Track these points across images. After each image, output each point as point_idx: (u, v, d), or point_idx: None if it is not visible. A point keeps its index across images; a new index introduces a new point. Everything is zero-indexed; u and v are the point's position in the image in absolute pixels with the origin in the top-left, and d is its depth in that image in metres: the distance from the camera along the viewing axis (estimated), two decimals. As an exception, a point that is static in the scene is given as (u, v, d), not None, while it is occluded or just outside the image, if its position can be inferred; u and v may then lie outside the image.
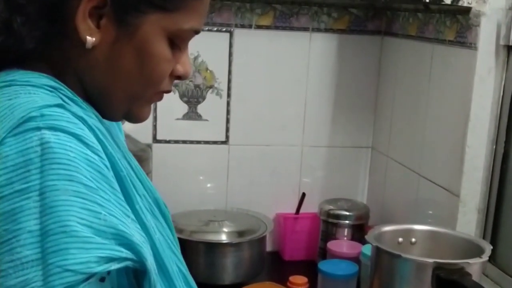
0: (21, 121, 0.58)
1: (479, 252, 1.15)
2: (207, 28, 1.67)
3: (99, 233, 0.56)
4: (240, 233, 1.59)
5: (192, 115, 1.72)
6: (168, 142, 1.72)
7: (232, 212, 1.72)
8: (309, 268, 1.59)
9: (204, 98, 1.72)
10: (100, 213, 0.57)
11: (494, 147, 1.36)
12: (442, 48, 1.44)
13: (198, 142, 1.74)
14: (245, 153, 1.77)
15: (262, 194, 1.79)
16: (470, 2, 1.30)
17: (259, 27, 1.70)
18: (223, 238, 1.57)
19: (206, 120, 1.73)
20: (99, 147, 0.61)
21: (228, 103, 1.73)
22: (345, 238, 1.66)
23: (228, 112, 1.74)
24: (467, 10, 1.32)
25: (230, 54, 1.70)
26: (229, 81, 1.72)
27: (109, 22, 0.66)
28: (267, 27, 1.70)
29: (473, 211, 1.37)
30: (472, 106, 1.32)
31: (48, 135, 0.57)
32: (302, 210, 1.77)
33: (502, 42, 1.29)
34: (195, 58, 1.69)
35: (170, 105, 1.69)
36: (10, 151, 0.56)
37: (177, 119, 1.71)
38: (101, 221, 0.57)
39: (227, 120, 1.74)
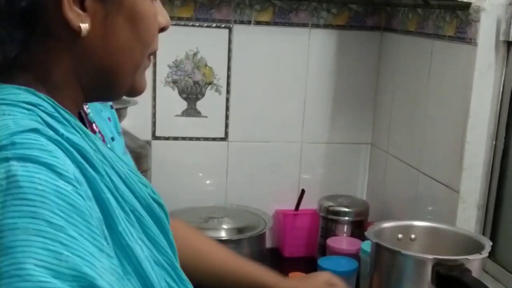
0: None
1: (479, 248, 1.15)
2: (206, 25, 1.67)
3: (58, 275, 0.52)
4: (240, 230, 1.59)
5: (191, 111, 1.72)
6: (167, 139, 1.72)
7: (232, 209, 1.71)
8: (309, 265, 1.59)
9: (203, 95, 1.71)
10: (62, 253, 0.52)
11: (494, 143, 1.35)
12: (442, 44, 1.44)
13: (197, 138, 1.73)
14: (244, 149, 1.76)
15: (261, 190, 1.78)
16: (470, -2, 1.30)
17: (258, 23, 1.69)
18: (223, 234, 1.56)
19: (205, 116, 1.73)
20: (74, 175, 0.57)
21: (227, 100, 1.73)
22: (345, 235, 1.66)
23: (227, 108, 1.73)
24: (467, 5, 1.31)
25: (229, 51, 1.70)
26: (228, 77, 1.72)
27: (94, 1, 0.64)
28: (267, 23, 1.70)
29: (472, 207, 1.37)
30: (471, 102, 1.32)
31: (16, 166, 0.54)
32: (301, 207, 1.77)
33: (502, 38, 1.29)
34: (194, 54, 1.68)
35: (169, 101, 1.69)
36: None
37: (176, 115, 1.71)
38: (62, 262, 0.52)
39: (226, 117, 1.74)
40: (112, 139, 0.87)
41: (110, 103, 0.91)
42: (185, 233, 1.14)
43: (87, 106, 0.81)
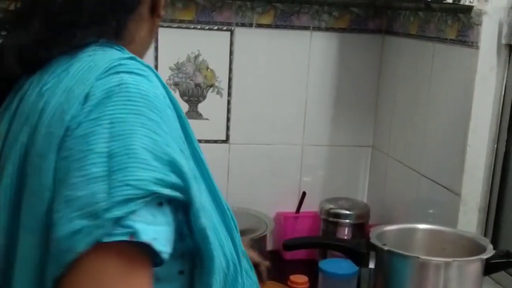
0: (106, 69, 0.68)
1: (480, 250, 1.15)
2: (207, 27, 1.67)
3: (156, 158, 0.64)
4: (241, 232, 1.56)
5: (192, 114, 1.72)
6: (169, 141, 1.72)
7: (233, 211, 1.70)
8: (310, 267, 1.59)
9: (204, 97, 1.72)
10: (158, 141, 0.65)
11: (495, 146, 1.35)
12: (444, 47, 1.44)
13: (199, 141, 1.70)
14: (246, 152, 1.76)
15: (262, 193, 1.78)
16: (472, 1, 1.30)
17: (259, 25, 1.70)
18: (224, 237, 1.56)
19: (207, 119, 1.73)
20: (164, 90, 0.71)
21: (228, 102, 1.73)
22: (346, 237, 1.66)
23: (228, 111, 1.73)
24: (469, 9, 1.31)
25: (231, 53, 1.70)
26: (230, 80, 1.72)
27: None
28: (268, 26, 1.70)
29: (474, 210, 1.37)
30: (473, 105, 1.32)
31: (126, 76, 0.67)
32: (302, 209, 1.77)
33: (503, 41, 1.29)
34: (196, 57, 1.69)
35: (171, 104, 1.69)
36: (96, 91, 0.66)
37: (178, 118, 1.71)
38: (159, 148, 0.64)
39: (227, 119, 1.74)
40: None
41: None
42: None
43: None
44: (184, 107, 1.71)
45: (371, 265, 1.19)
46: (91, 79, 0.67)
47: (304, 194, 1.77)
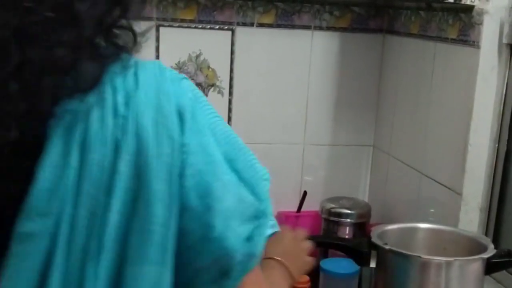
0: (171, 77, 0.63)
1: (481, 250, 1.15)
2: (209, 27, 1.67)
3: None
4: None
5: (194, 113, 1.72)
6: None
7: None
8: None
9: (206, 96, 1.71)
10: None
11: (497, 145, 1.35)
12: (445, 47, 1.44)
13: (200, 140, 1.73)
14: (248, 151, 1.76)
15: (263, 192, 1.78)
16: (473, 0, 1.30)
17: (261, 25, 1.70)
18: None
19: (208, 118, 1.73)
20: None
21: (229, 102, 1.73)
22: (347, 236, 1.66)
23: (229, 110, 1.73)
24: (470, 8, 1.31)
25: (232, 53, 1.70)
26: (231, 79, 1.72)
27: None
28: (269, 25, 1.70)
29: (475, 210, 1.37)
30: (474, 104, 1.32)
31: (187, 82, 0.66)
32: (303, 208, 1.77)
33: (505, 41, 1.29)
34: (197, 56, 1.69)
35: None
36: (183, 103, 0.61)
37: (180, 117, 1.71)
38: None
39: (228, 119, 1.74)
40: None
41: None
42: None
43: None
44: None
45: (372, 264, 1.19)
46: (170, 90, 0.61)
47: (305, 193, 1.77)
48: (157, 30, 1.64)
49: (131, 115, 0.58)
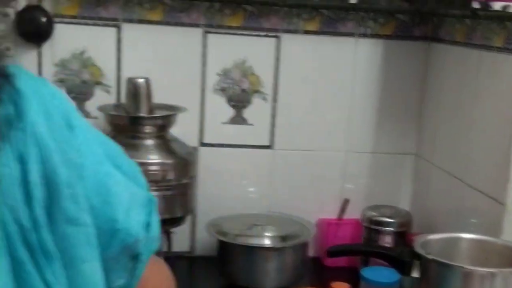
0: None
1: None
2: (255, 33, 1.69)
3: None
4: (283, 238, 1.60)
5: (238, 119, 1.74)
6: (214, 146, 1.74)
7: (275, 217, 1.72)
8: (351, 275, 1.59)
9: (250, 103, 1.74)
10: None
11: (543, 155, 1.33)
12: (490, 55, 1.42)
13: (243, 146, 1.76)
14: (289, 158, 1.78)
15: (305, 199, 1.79)
16: (520, 9, 1.29)
17: (306, 32, 1.71)
18: (266, 242, 1.58)
19: (251, 124, 1.75)
20: None
21: (273, 108, 1.75)
22: (387, 245, 1.65)
23: (273, 116, 1.75)
24: (518, 17, 1.30)
25: (277, 59, 1.72)
26: (275, 86, 1.73)
27: None
28: (314, 33, 1.71)
29: (519, 220, 1.35)
30: (520, 113, 1.30)
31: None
32: (344, 216, 1.77)
33: (553, 50, 1.27)
34: (243, 62, 1.71)
35: (217, 109, 1.72)
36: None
37: (223, 123, 1.74)
38: None
39: (272, 125, 1.75)
40: None
41: None
42: None
43: None
44: (230, 112, 1.74)
45: (414, 274, 1.19)
46: (53, 98, 0.64)
47: (346, 201, 1.77)
48: (204, 37, 1.67)
49: (27, 126, 0.59)
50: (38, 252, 0.58)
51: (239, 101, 1.73)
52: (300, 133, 1.77)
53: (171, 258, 1.63)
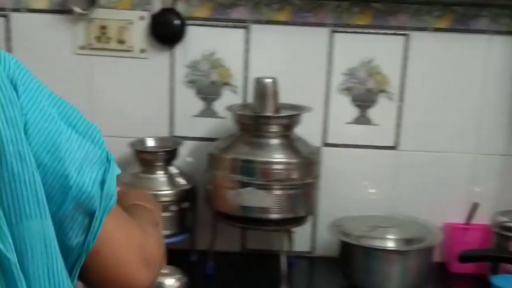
0: None
1: None
2: (382, 32, 1.66)
3: None
4: (408, 241, 1.56)
5: (362, 119, 1.72)
6: (337, 146, 1.73)
7: (399, 219, 1.68)
8: (478, 282, 1.53)
9: (375, 102, 1.71)
10: None
11: None
12: None
13: (367, 147, 1.73)
14: (415, 159, 1.73)
15: (429, 202, 1.74)
16: None
17: (436, 30, 1.65)
18: (390, 244, 1.55)
19: (376, 124, 1.72)
20: None
21: (399, 108, 1.71)
22: (520, 253, 1.57)
23: (399, 117, 1.71)
24: None
25: (405, 58, 1.67)
26: (402, 85, 1.69)
27: None
28: (445, 30, 1.65)
29: None
30: None
31: None
32: (472, 221, 1.70)
33: None
34: (369, 61, 1.68)
35: (342, 109, 1.71)
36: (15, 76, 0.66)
37: (347, 123, 1.72)
38: None
39: (397, 125, 1.72)
40: None
41: None
42: None
43: None
44: (354, 112, 1.72)
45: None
46: None
47: (475, 205, 1.70)
48: (331, 36, 1.66)
49: None
50: None
51: (364, 101, 1.71)
52: (426, 134, 1.71)
53: (292, 258, 1.66)
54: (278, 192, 1.50)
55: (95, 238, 0.67)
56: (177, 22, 1.65)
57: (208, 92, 1.71)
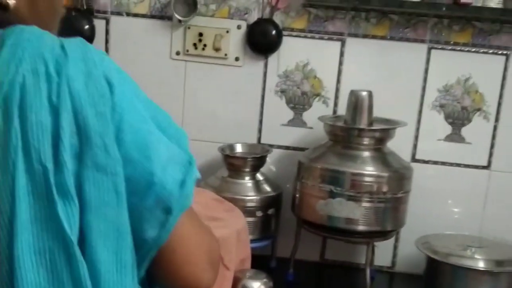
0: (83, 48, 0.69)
1: None
2: (482, 50, 1.64)
3: None
4: (499, 263, 1.53)
5: (455, 137, 1.70)
6: (427, 162, 1.72)
7: (488, 240, 1.65)
8: None
9: (469, 121, 1.69)
10: None
11: None
12: None
13: (458, 165, 1.71)
14: (507, 180, 1.69)
15: (520, 224, 1.70)
16: None
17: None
18: (481, 265, 1.52)
19: (469, 143, 1.70)
20: None
21: (495, 128, 1.68)
22: None
23: (493, 136, 1.69)
24: None
25: (504, 78, 1.65)
26: (499, 104, 1.67)
27: None
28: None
29: None
30: None
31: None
32: None
33: None
34: (467, 79, 1.67)
35: (434, 125, 1.70)
36: (107, 71, 0.69)
37: (439, 139, 1.71)
38: None
39: (491, 145, 1.69)
40: None
41: None
42: None
43: None
44: (447, 129, 1.70)
45: None
46: (95, 59, 0.68)
47: None
48: (428, 53, 1.66)
49: (63, 81, 0.66)
50: (57, 191, 0.64)
51: (458, 119, 1.69)
52: (521, 155, 1.68)
53: (372, 271, 1.65)
54: (367, 204, 1.50)
55: (168, 233, 0.71)
56: (273, 32, 1.68)
57: (298, 102, 1.73)
